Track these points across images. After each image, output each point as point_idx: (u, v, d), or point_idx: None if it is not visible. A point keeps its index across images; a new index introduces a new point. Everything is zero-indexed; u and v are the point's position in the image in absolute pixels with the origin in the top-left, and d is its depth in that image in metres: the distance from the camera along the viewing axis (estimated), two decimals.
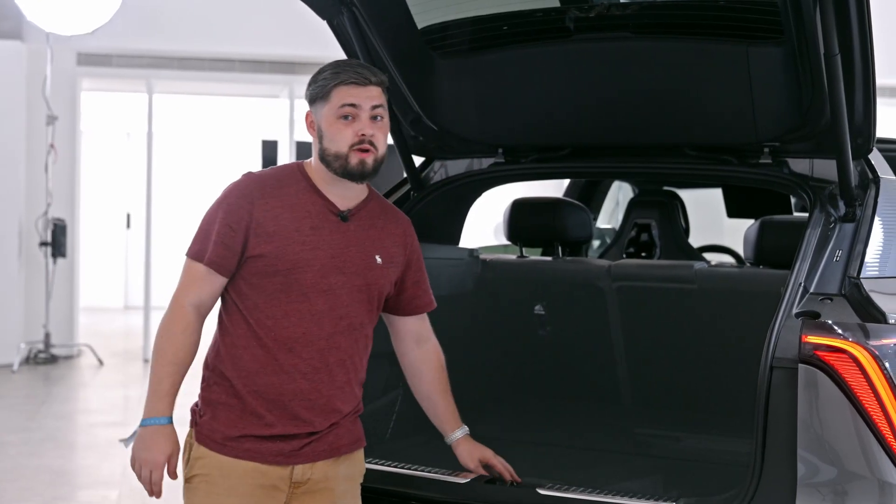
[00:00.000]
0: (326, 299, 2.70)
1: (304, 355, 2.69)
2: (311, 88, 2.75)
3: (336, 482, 2.79)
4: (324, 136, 2.71)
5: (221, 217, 2.67)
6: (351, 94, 2.69)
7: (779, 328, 2.74)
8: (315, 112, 2.75)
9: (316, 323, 2.69)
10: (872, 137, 3.17)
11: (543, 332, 4.35)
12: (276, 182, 2.73)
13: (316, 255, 2.68)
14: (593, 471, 3.53)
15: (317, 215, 2.71)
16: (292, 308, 2.68)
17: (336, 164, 2.70)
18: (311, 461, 2.73)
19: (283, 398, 2.68)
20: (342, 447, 2.80)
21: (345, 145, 2.68)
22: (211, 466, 2.69)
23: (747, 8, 3.23)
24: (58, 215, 10.31)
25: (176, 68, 11.09)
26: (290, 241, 2.67)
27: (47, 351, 10.20)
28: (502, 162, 3.84)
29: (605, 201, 6.20)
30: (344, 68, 2.73)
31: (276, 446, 2.69)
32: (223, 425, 2.69)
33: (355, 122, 2.69)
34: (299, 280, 2.67)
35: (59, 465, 6.49)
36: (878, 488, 2.64)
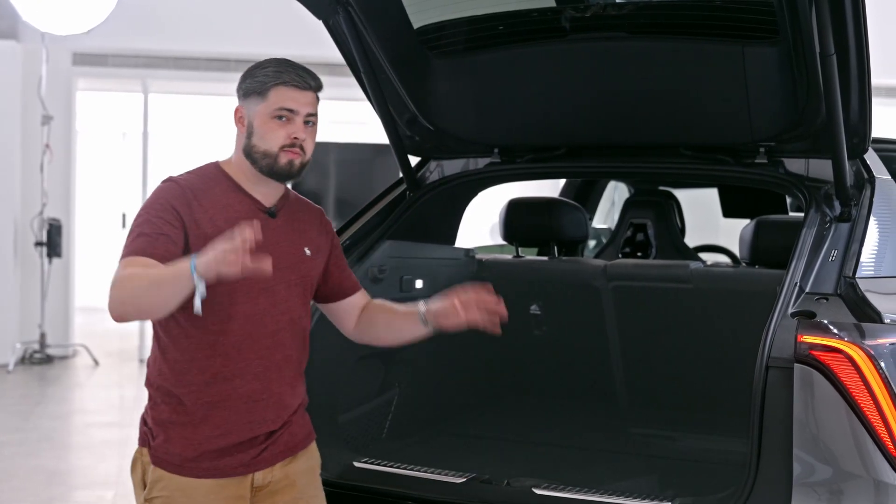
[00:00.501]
0: (266, 297, 2.67)
1: (253, 356, 2.66)
2: (248, 83, 2.70)
3: (297, 477, 2.78)
4: (254, 133, 2.67)
5: (155, 216, 2.59)
6: (290, 98, 2.66)
7: (774, 328, 2.74)
8: (247, 107, 2.69)
9: (259, 322, 2.67)
10: (868, 137, 3.17)
11: (539, 331, 4.35)
12: (202, 184, 2.67)
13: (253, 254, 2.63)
14: (589, 470, 3.53)
15: (247, 214, 2.66)
16: (236, 310, 2.64)
17: (263, 161, 2.66)
18: (270, 465, 2.71)
19: (237, 403, 2.65)
20: (298, 444, 2.79)
21: (276, 145, 2.65)
22: (171, 488, 2.64)
23: (743, 8, 3.23)
24: (53, 215, 10.30)
25: (171, 68, 11.08)
26: None
27: (43, 351, 10.19)
28: (498, 162, 3.84)
29: (601, 201, 6.21)
30: (286, 69, 2.69)
31: (234, 459, 2.66)
32: (179, 447, 2.64)
33: (289, 125, 2.66)
34: (240, 281, 2.59)
35: (55, 466, 6.48)
36: (874, 488, 2.64)
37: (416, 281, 3.95)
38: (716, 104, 3.41)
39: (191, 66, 11.09)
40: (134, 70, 11.01)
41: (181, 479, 2.64)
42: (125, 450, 6.97)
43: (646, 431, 4.11)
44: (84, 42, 10.31)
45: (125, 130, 15.44)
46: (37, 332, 10.23)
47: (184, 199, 2.63)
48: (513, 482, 3.15)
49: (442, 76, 3.66)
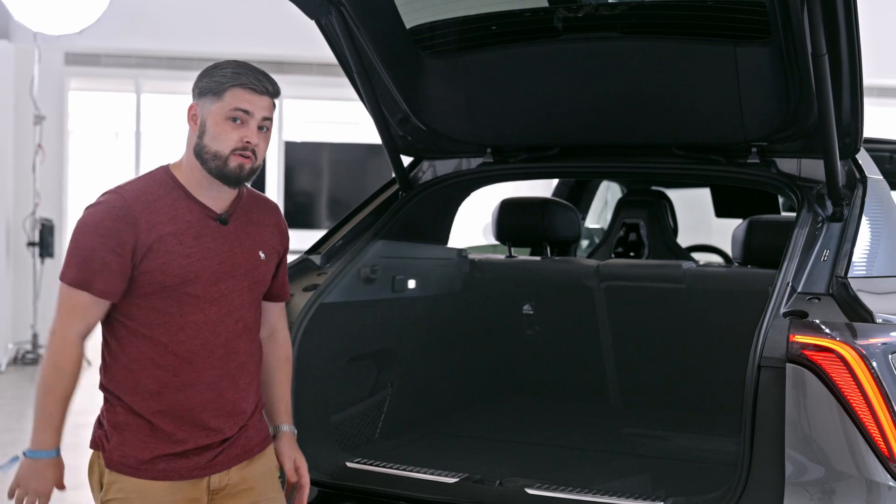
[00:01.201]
0: (219, 307, 2.64)
1: (206, 366, 2.63)
2: (204, 82, 2.64)
3: (254, 481, 2.75)
4: (206, 133, 2.62)
5: (101, 242, 2.55)
6: (245, 100, 2.60)
7: (766, 327, 2.74)
8: (202, 106, 2.63)
9: (212, 332, 2.63)
10: (860, 137, 3.18)
11: (532, 331, 4.35)
12: (149, 196, 2.62)
13: (203, 264, 2.61)
14: (581, 470, 3.53)
15: (197, 224, 2.62)
16: (187, 321, 2.60)
17: (213, 163, 2.60)
18: (226, 468, 2.69)
19: (190, 413, 2.63)
20: (254, 448, 2.76)
21: (227, 147, 2.59)
22: (128, 490, 2.63)
23: (735, 8, 3.23)
24: (45, 215, 10.28)
25: (164, 68, 11.07)
26: (174, 254, 2.58)
27: (35, 351, 10.17)
28: (491, 162, 3.84)
29: (594, 201, 6.21)
30: (245, 71, 2.65)
31: (190, 461, 2.64)
32: (134, 449, 2.63)
33: (243, 128, 2.61)
34: (189, 292, 2.59)
35: None
36: (866, 487, 2.64)
37: (408, 281, 3.95)
38: (708, 104, 3.41)
39: (183, 65, 11.08)
40: (126, 70, 11.00)
41: (137, 481, 2.62)
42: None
43: (638, 431, 4.11)
44: (76, 42, 10.30)
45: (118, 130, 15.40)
46: (29, 332, 10.21)
47: (128, 218, 2.57)
48: (505, 482, 3.15)
49: (434, 76, 3.65)
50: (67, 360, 2.61)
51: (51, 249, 10.23)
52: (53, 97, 10.54)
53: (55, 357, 2.61)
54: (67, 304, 2.62)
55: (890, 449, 2.63)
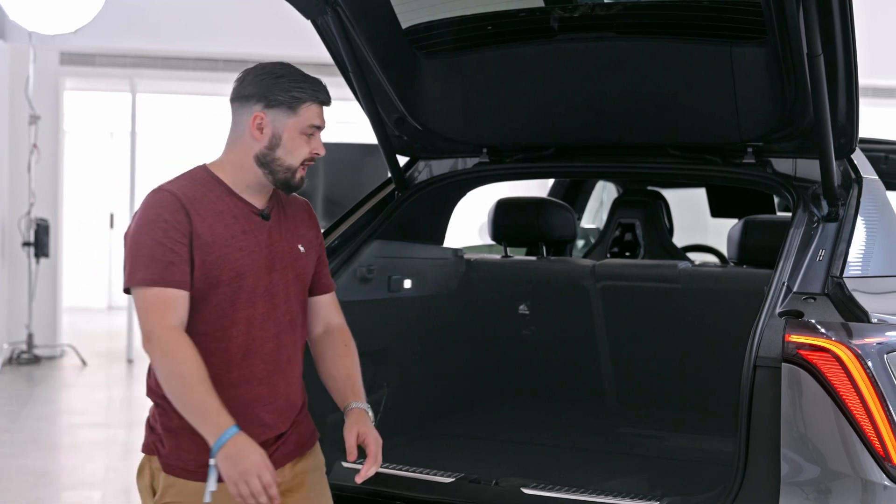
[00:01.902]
0: (267, 301, 2.66)
1: (258, 361, 2.65)
2: (277, 95, 2.64)
3: (305, 477, 2.78)
4: (280, 147, 2.64)
5: (164, 236, 2.55)
6: (319, 116, 2.68)
7: (762, 327, 2.74)
8: (274, 118, 2.64)
9: (262, 326, 2.65)
10: (855, 137, 3.18)
11: (528, 331, 4.35)
12: (196, 191, 2.64)
13: (252, 258, 2.64)
14: (577, 470, 3.53)
15: (243, 219, 2.66)
16: (239, 316, 2.62)
17: (281, 174, 2.65)
18: (282, 465, 2.70)
19: (245, 409, 2.62)
20: (305, 443, 2.79)
21: (299, 160, 2.66)
22: (185, 493, 2.62)
23: (730, 8, 3.24)
24: (41, 215, 10.27)
25: (159, 67, 11.05)
26: (228, 248, 2.60)
27: (30, 351, 10.16)
28: (487, 162, 3.84)
29: (590, 201, 6.21)
30: (320, 87, 2.68)
31: None
32: (192, 452, 2.61)
33: (313, 140, 2.68)
34: (243, 287, 2.61)
35: (42, 467, 6.46)
36: (861, 487, 2.65)
37: (404, 281, 3.95)
38: (704, 104, 3.41)
39: (179, 65, 11.07)
40: (122, 70, 10.99)
41: (195, 484, 2.60)
42: (113, 450, 6.96)
43: (634, 431, 4.12)
44: (72, 42, 10.28)
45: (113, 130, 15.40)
46: (24, 332, 10.20)
47: (182, 211, 2.58)
48: (501, 482, 3.16)
49: (430, 76, 3.65)
50: (184, 346, 2.52)
51: (46, 249, 10.22)
52: (49, 97, 10.53)
53: (170, 350, 2.52)
54: (153, 303, 2.54)
55: (885, 448, 2.64)
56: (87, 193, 15.21)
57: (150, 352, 2.56)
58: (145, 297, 2.54)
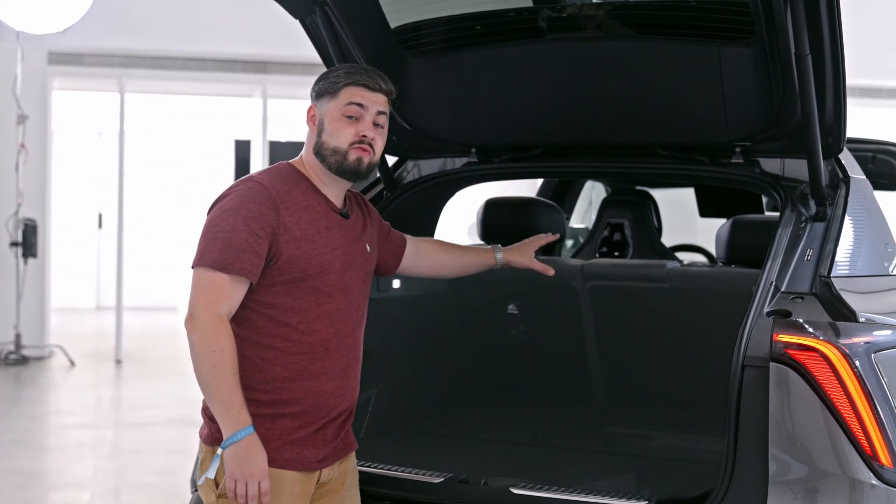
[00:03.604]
0: (345, 297, 2.76)
1: (337, 354, 2.74)
2: (321, 84, 2.79)
3: (346, 475, 2.87)
4: (324, 131, 2.75)
5: (243, 224, 2.61)
6: (359, 96, 2.75)
7: (750, 327, 2.75)
8: (320, 106, 2.78)
9: (341, 321, 2.75)
10: (843, 137, 3.19)
11: (516, 331, 4.36)
12: (285, 186, 2.72)
13: (335, 255, 2.73)
14: (566, 470, 3.53)
15: (325, 216, 2.75)
16: (323, 310, 2.71)
17: (332, 158, 2.73)
18: (336, 461, 2.79)
19: (322, 399, 2.72)
20: (351, 442, 2.88)
21: (345, 142, 2.73)
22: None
23: (719, 8, 3.24)
24: (29, 215, 10.25)
25: (148, 67, 11.04)
26: (314, 243, 2.69)
27: (18, 352, 10.13)
28: (475, 161, 3.84)
29: (578, 201, 6.21)
30: (358, 70, 2.80)
31: (311, 453, 2.71)
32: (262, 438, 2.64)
33: (358, 123, 2.74)
34: (326, 282, 2.71)
35: (30, 467, 6.45)
36: (849, 486, 2.66)
37: (393, 281, 3.95)
38: (692, 104, 3.42)
39: (167, 65, 11.05)
40: (110, 69, 10.97)
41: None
42: (101, 451, 6.95)
43: (623, 430, 4.12)
44: (60, 41, 10.26)
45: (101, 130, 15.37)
46: (12, 332, 10.17)
47: (271, 203, 2.66)
48: (490, 482, 3.16)
49: (419, 76, 3.65)
50: (224, 337, 2.58)
51: (34, 249, 10.20)
52: (36, 96, 10.51)
53: (213, 336, 2.57)
54: (211, 285, 2.60)
55: (873, 447, 2.64)
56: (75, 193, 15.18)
57: (189, 331, 2.61)
58: (206, 279, 2.61)
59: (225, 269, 2.59)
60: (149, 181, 15.23)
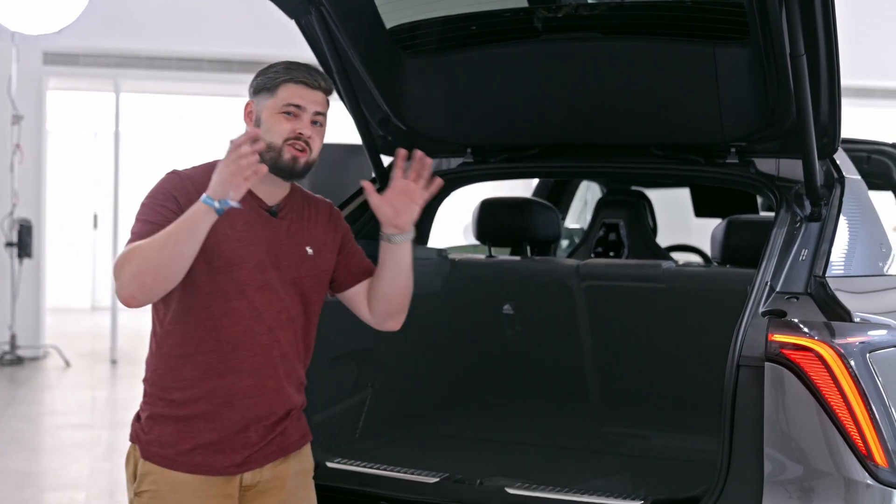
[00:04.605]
0: (263, 295, 2.68)
1: (248, 353, 2.66)
2: (259, 80, 2.75)
3: (286, 479, 2.77)
4: (261, 127, 2.69)
5: (160, 203, 2.62)
6: (298, 94, 2.69)
7: (745, 327, 2.75)
8: (257, 103, 2.73)
9: (257, 319, 2.67)
10: (838, 137, 3.19)
11: (512, 331, 4.35)
12: (205, 179, 2.64)
13: (251, 250, 2.66)
14: (562, 470, 3.53)
15: (248, 211, 2.67)
16: (232, 306, 2.64)
17: (267, 155, 2.65)
18: (261, 465, 2.71)
19: (231, 398, 2.65)
20: (290, 445, 2.78)
21: (280, 138, 2.67)
22: (160, 482, 2.64)
23: (714, 9, 3.24)
24: (24, 215, 10.23)
25: (143, 67, 11.02)
26: (225, 237, 2.63)
27: (13, 352, 10.12)
28: (471, 162, 3.84)
29: (574, 201, 6.22)
30: (297, 67, 2.73)
31: (226, 458, 2.66)
32: (172, 439, 2.64)
33: (295, 120, 2.69)
34: (237, 277, 2.64)
35: (25, 468, 6.44)
36: (844, 485, 2.66)
37: None
38: (687, 104, 3.42)
39: (163, 65, 11.04)
40: (105, 70, 10.95)
41: (171, 474, 2.64)
42: (96, 451, 6.94)
43: (618, 430, 4.12)
44: (55, 41, 10.25)
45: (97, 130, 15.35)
46: (7, 333, 10.15)
47: (185, 190, 2.64)
48: (486, 482, 3.16)
49: (415, 76, 3.65)
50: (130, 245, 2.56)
51: (29, 250, 10.18)
52: (32, 97, 10.49)
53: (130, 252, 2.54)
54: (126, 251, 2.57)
55: (867, 447, 2.65)
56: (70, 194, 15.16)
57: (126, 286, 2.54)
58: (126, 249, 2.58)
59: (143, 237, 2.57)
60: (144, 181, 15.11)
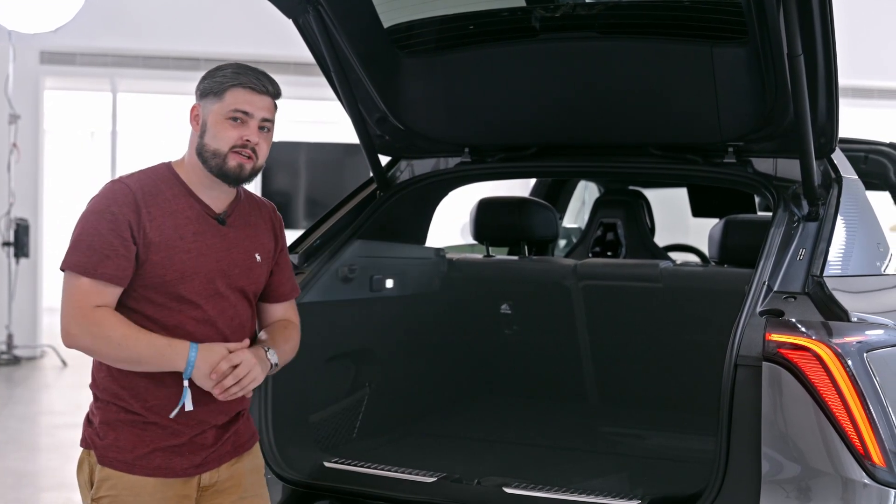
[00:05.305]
0: (214, 304, 2.64)
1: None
2: (206, 83, 2.67)
3: (242, 477, 2.77)
4: (207, 132, 2.64)
5: (108, 228, 2.53)
6: (245, 101, 2.63)
7: (743, 326, 2.75)
8: (204, 107, 2.66)
9: (210, 327, 2.64)
10: (835, 137, 3.20)
11: (510, 331, 4.36)
12: (151, 188, 2.61)
13: (201, 261, 2.62)
14: (559, 469, 3.54)
15: (196, 220, 2.63)
16: (184, 317, 2.60)
17: (213, 161, 2.62)
18: (217, 466, 2.71)
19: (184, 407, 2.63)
20: (243, 444, 2.78)
21: (226, 145, 2.61)
22: (119, 487, 2.63)
23: (711, 8, 3.24)
24: (21, 215, 10.22)
25: (140, 67, 11.02)
26: (175, 249, 2.58)
27: (10, 352, 10.11)
28: (469, 161, 3.84)
29: (571, 200, 6.22)
30: (245, 71, 2.67)
31: (185, 460, 2.64)
32: (130, 444, 2.62)
33: (242, 127, 2.63)
34: (188, 289, 2.60)
35: (22, 468, 6.43)
36: (841, 485, 2.66)
37: (386, 280, 3.95)
38: (685, 104, 3.42)
39: (160, 64, 11.04)
40: (102, 69, 10.95)
41: (130, 478, 2.62)
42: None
43: (615, 430, 4.13)
44: (52, 40, 10.24)
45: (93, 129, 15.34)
46: (4, 332, 10.15)
47: (133, 206, 2.57)
48: (483, 481, 3.16)
49: (412, 75, 3.65)
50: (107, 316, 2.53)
51: (26, 249, 10.18)
52: (28, 96, 10.48)
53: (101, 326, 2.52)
54: (76, 292, 2.55)
55: (865, 447, 2.65)
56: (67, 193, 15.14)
57: (76, 341, 2.56)
58: (73, 284, 2.55)
59: (87, 273, 2.52)
60: None
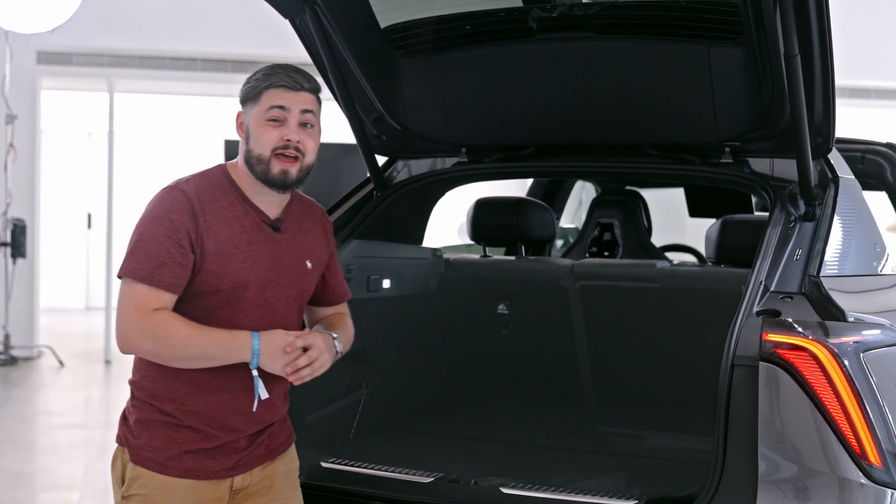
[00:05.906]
0: (264, 313, 2.64)
1: (244, 372, 2.62)
2: (244, 88, 2.67)
3: (274, 479, 2.77)
4: (250, 138, 2.63)
5: (165, 235, 2.54)
6: (281, 97, 2.61)
7: (740, 326, 2.75)
8: (245, 113, 2.66)
9: None
10: (832, 137, 3.20)
11: (507, 331, 4.36)
12: (209, 195, 2.61)
13: (254, 271, 2.61)
14: (556, 469, 3.54)
15: (251, 228, 2.63)
16: (232, 325, 2.59)
17: (258, 167, 2.61)
18: (250, 469, 2.70)
19: (221, 413, 2.63)
20: (278, 447, 2.78)
21: (268, 148, 2.59)
22: (150, 486, 2.62)
23: (708, 8, 3.25)
24: (18, 215, 10.21)
25: (137, 67, 11.01)
26: (230, 259, 2.58)
27: (7, 352, 10.10)
28: (466, 161, 3.84)
29: (569, 201, 6.22)
30: (277, 71, 2.65)
31: (217, 462, 2.64)
32: (163, 444, 2.61)
33: (282, 127, 2.60)
34: (240, 298, 2.59)
35: (20, 468, 6.43)
36: (838, 485, 2.66)
37: (383, 280, 3.95)
38: (682, 104, 3.42)
39: (157, 64, 11.03)
40: (99, 69, 10.94)
41: (161, 478, 2.61)
42: (90, 451, 6.93)
43: (613, 430, 4.13)
44: (49, 40, 10.23)
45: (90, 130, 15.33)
46: (1, 333, 10.14)
47: (192, 214, 2.56)
48: (480, 481, 3.16)
49: (409, 76, 3.65)
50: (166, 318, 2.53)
51: (23, 250, 10.17)
52: (25, 96, 10.48)
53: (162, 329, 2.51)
54: (135, 298, 2.53)
55: (861, 447, 2.65)
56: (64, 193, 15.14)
57: (136, 346, 2.55)
58: (130, 291, 2.55)
59: (145, 280, 2.52)
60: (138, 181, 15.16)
